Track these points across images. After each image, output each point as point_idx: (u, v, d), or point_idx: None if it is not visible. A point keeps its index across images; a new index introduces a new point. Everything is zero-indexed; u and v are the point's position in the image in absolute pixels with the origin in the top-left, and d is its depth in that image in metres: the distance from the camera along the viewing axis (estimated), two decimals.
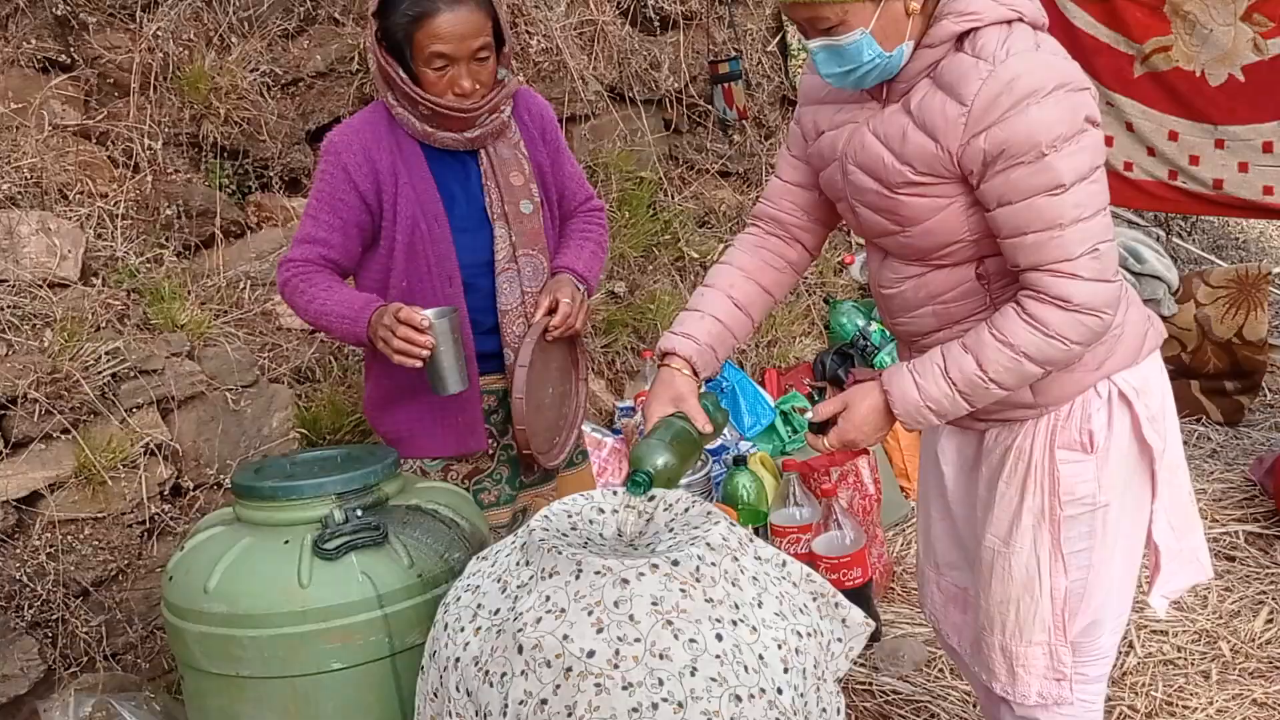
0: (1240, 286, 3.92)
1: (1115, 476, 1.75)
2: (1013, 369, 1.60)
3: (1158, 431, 1.76)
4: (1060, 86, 1.53)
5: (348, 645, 1.71)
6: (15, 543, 2.25)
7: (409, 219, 2.09)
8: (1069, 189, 1.53)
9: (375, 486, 1.85)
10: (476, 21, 1.99)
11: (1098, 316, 1.57)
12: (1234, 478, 3.52)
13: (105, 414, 2.33)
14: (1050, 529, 1.76)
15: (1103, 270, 1.56)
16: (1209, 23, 3.74)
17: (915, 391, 1.66)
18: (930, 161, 1.60)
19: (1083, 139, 1.54)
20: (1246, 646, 2.72)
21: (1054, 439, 1.74)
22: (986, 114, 1.53)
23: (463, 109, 2.04)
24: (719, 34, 4.33)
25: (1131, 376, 1.73)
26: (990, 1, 1.58)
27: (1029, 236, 1.56)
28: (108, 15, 2.75)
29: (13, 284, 2.28)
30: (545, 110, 2.28)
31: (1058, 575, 1.78)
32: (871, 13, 1.55)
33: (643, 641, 1.41)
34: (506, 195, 2.13)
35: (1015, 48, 1.55)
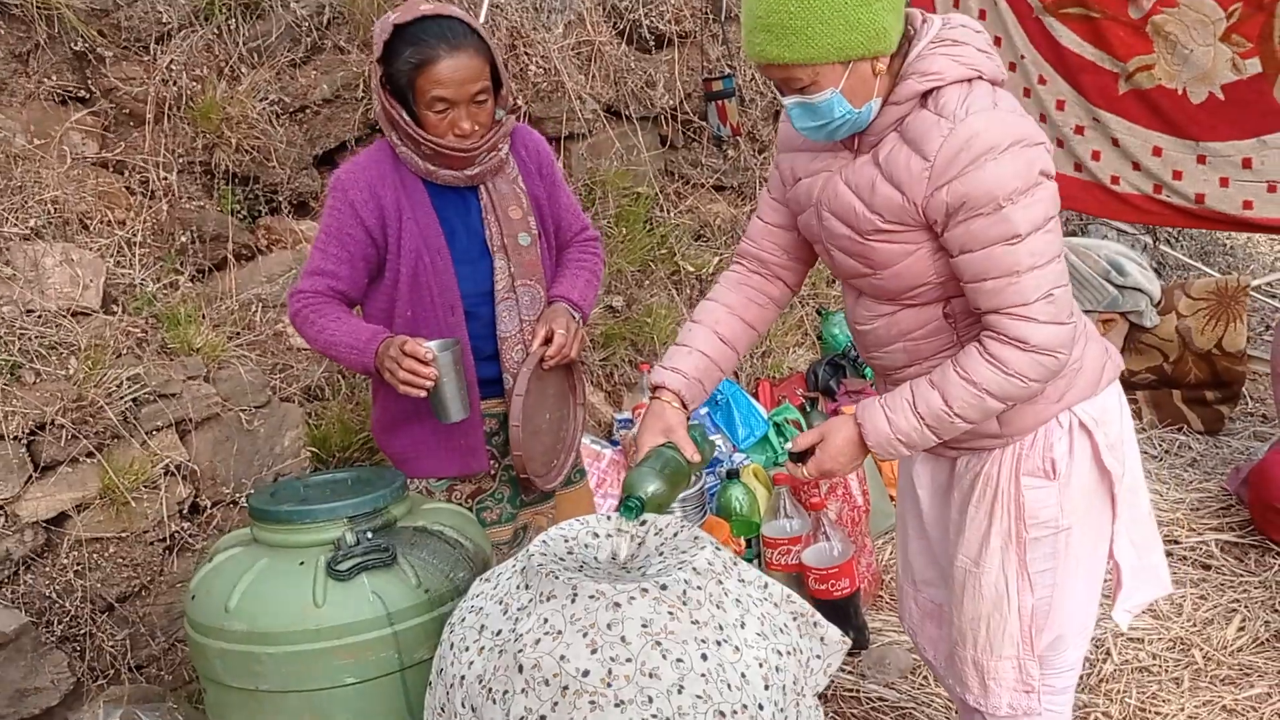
0: (1220, 299, 4.02)
1: (1077, 501, 1.86)
2: (975, 404, 1.72)
3: (1116, 458, 1.87)
4: (1016, 143, 1.63)
5: (360, 661, 1.81)
6: (45, 561, 2.36)
7: (413, 252, 2.20)
8: (1025, 239, 1.63)
9: (384, 509, 1.95)
10: (475, 67, 2.09)
11: (1053, 356, 1.68)
12: (1212, 487, 3.62)
13: (127, 437, 2.44)
14: (1017, 550, 1.87)
15: (1056, 314, 1.66)
16: (1189, 43, 3.84)
17: (887, 425, 1.77)
18: (897, 211, 1.71)
19: (1037, 191, 1.64)
20: (1218, 654, 2.82)
21: (1019, 466, 1.85)
22: (948, 169, 1.64)
23: (463, 149, 2.14)
24: (713, 52, 4.43)
25: (1090, 407, 1.84)
26: (951, 62, 1.69)
27: (988, 283, 1.66)
28: (123, 49, 2.86)
29: (39, 314, 2.39)
30: (541, 146, 2.38)
31: (1024, 594, 1.89)
32: (841, 74, 1.64)
33: (634, 661, 1.53)
34: (505, 228, 2.24)
35: (974, 106, 1.65)
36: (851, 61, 1.64)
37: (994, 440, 1.86)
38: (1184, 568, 3.23)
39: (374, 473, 2.15)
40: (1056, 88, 4.19)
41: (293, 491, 2.03)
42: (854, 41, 1.62)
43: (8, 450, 2.26)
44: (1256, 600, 3.03)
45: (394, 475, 2.07)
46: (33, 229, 2.45)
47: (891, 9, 1.65)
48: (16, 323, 2.33)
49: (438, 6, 2.13)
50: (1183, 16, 3.80)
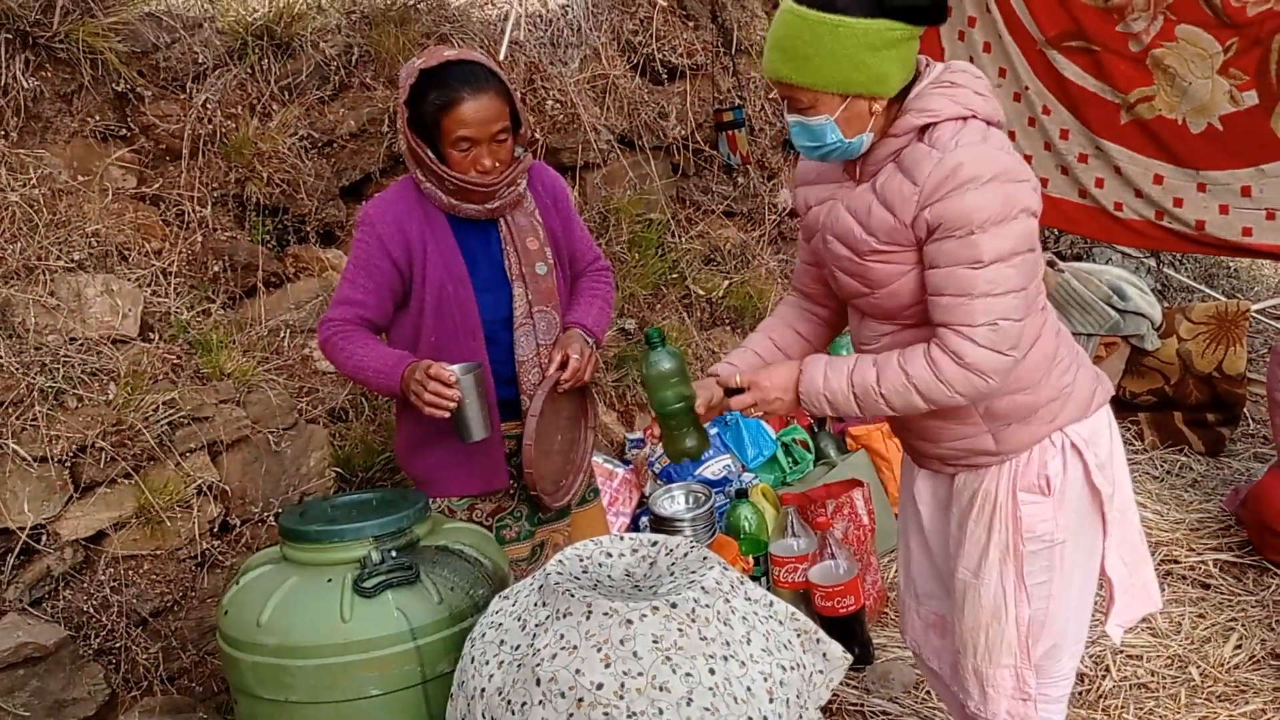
0: (1220, 323, 4.09)
1: (1070, 516, 1.96)
2: (901, 394, 1.83)
3: (1106, 477, 1.97)
4: (997, 177, 1.74)
5: (384, 674, 1.90)
6: (83, 578, 2.47)
7: (437, 282, 2.31)
8: (986, 266, 1.74)
9: (408, 529, 2.04)
10: (496, 107, 2.22)
11: (984, 379, 1.78)
12: (1212, 508, 3.68)
13: (162, 459, 2.55)
14: (1014, 563, 1.97)
15: (997, 342, 1.76)
16: (1188, 76, 3.94)
17: (821, 380, 1.89)
18: (891, 232, 1.83)
19: (1012, 225, 1.75)
20: (1215, 671, 2.88)
21: (1015, 483, 1.96)
22: (933, 193, 1.76)
23: (484, 184, 2.26)
24: (723, 84, 4.54)
25: (1081, 429, 1.94)
26: (947, 101, 1.81)
27: (944, 298, 1.78)
28: (161, 88, 2.99)
29: (81, 343, 2.51)
30: (557, 182, 2.51)
31: (1022, 605, 1.98)
32: (838, 105, 1.79)
33: (645, 675, 1.61)
34: (524, 258, 2.36)
35: (965, 140, 1.77)
36: (850, 96, 1.78)
37: (991, 458, 1.97)
38: (1183, 586, 3.30)
39: (398, 494, 2.25)
40: (1060, 118, 4.29)
41: (320, 512, 2.12)
42: (855, 80, 1.76)
43: (51, 472, 2.38)
44: (1254, 619, 3.09)
45: (417, 496, 2.16)
46: (76, 261, 2.58)
47: (898, 60, 1.78)
48: (60, 351, 2.45)
49: (461, 52, 2.26)
50: (1181, 51, 3.90)
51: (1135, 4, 3.94)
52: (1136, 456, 4.15)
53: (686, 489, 3.38)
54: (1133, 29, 3.96)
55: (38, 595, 2.41)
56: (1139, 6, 3.93)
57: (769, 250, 4.65)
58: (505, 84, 2.26)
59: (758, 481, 3.57)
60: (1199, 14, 3.81)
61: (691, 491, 3.36)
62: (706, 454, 3.67)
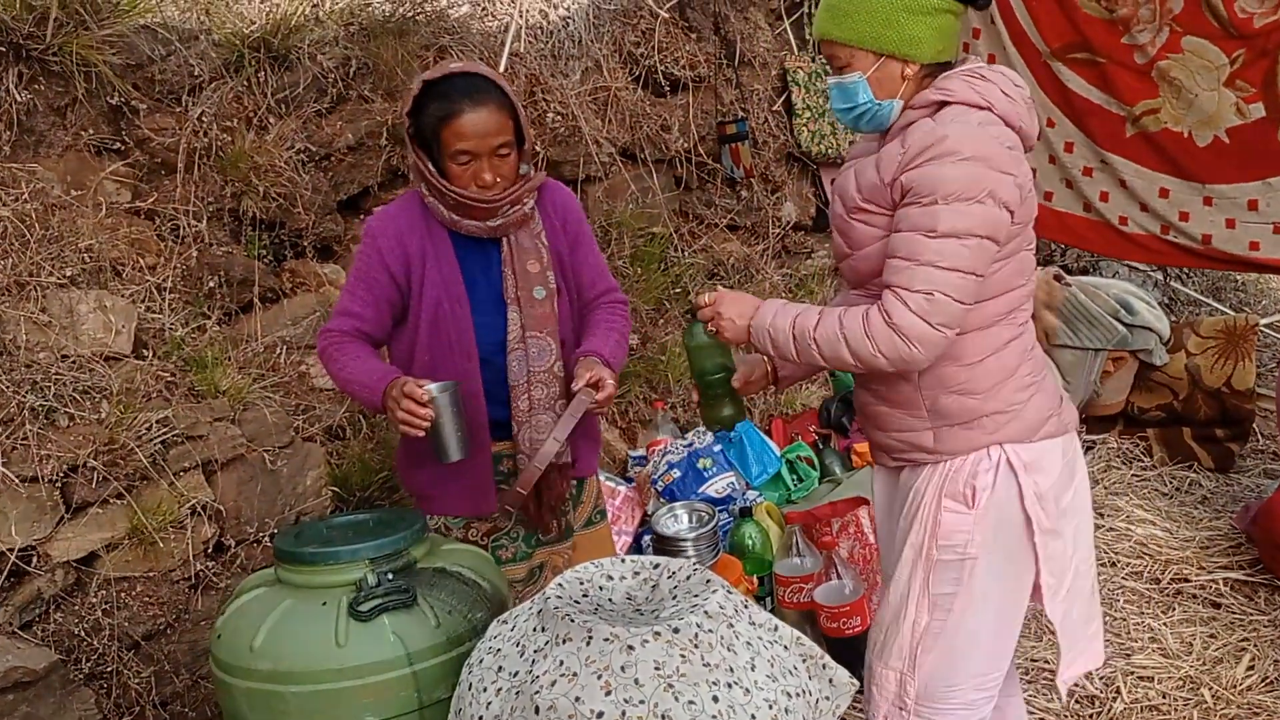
0: (1229, 338, 4.05)
1: (989, 535, 1.92)
2: (831, 342, 1.85)
3: (1047, 512, 1.92)
4: (977, 159, 1.76)
5: (380, 700, 1.85)
6: (74, 600, 2.42)
7: (433, 300, 2.27)
8: (938, 237, 1.76)
9: (405, 551, 2.00)
10: (497, 120, 2.16)
11: (908, 345, 1.78)
12: (1222, 525, 3.63)
13: (155, 478, 2.51)
14: (924, 565, 1.95)
15: (929, 312, 1.76)
16: (1194, 88, 3.90)
17: (771, 316, 1.92)
18: (872, 190, 1.87)
19: (975, 208, 1.76)
20: (1228, 693, 2.83)
21: (944, 487, 1.94)
22: (914, 158, 1.80)
23: (485, 200, 2.21)
24: (726, 96, 4.51)
25: (1024, 451, 1.91)
26: (968, 88, 1.85)
27: (894, 260, 1.81)
28: (156, 101, 2.96)
29: (73, 360, 2.48)
30: (569, 203, 2.42)
31: (921, 611, 1.95)
32: (872, 63, 1.88)
33: (646, 703, 1.57)
34: (521, 281, 2.30)
35: (961, 120, 1.81)
36: (883, 56, 1.86)
37: (928, 456, 1.95)
38: (1194, 606, 3.25)
39: (395, 514, 2.21)
40: (1065, 130, 4.26)
41: (316, 533, 2.09)
42: (887, 38, 1.85)
43: (41, 492, 2.34)
44: (1266, 639, 3.04)
45: (414, 517, 2.12)
46: (69, 277, 2.54)
47: (933, 29, 1.86)
48: (52, 368, 2.41)
49: (466, 65, 2.22)
50: (1187, 62, 3.87)
51: (1141, 16, 3.91)
52: (1145, 473, 4.11)
53: (690, 508, 3.33)
54: (1138, 41, 3.93)
55: (28, 618, 2.37)
56: (1145, 18, 3.91)
57: (773, 264, 4.62)
58: (510, 97, 2.21)
59: (762, 499, 3.53)
60: (1205, 26, 3.78)
61: (695, 510, 3.32)
62: (710, 472, 3.63)
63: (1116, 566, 3.47)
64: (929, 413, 1.93)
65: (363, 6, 3.42)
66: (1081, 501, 2.02)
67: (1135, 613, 3.24)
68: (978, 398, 1.90)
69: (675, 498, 3.48)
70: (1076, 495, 2.00)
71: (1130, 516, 3.75)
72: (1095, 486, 4.00)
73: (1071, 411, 2.02)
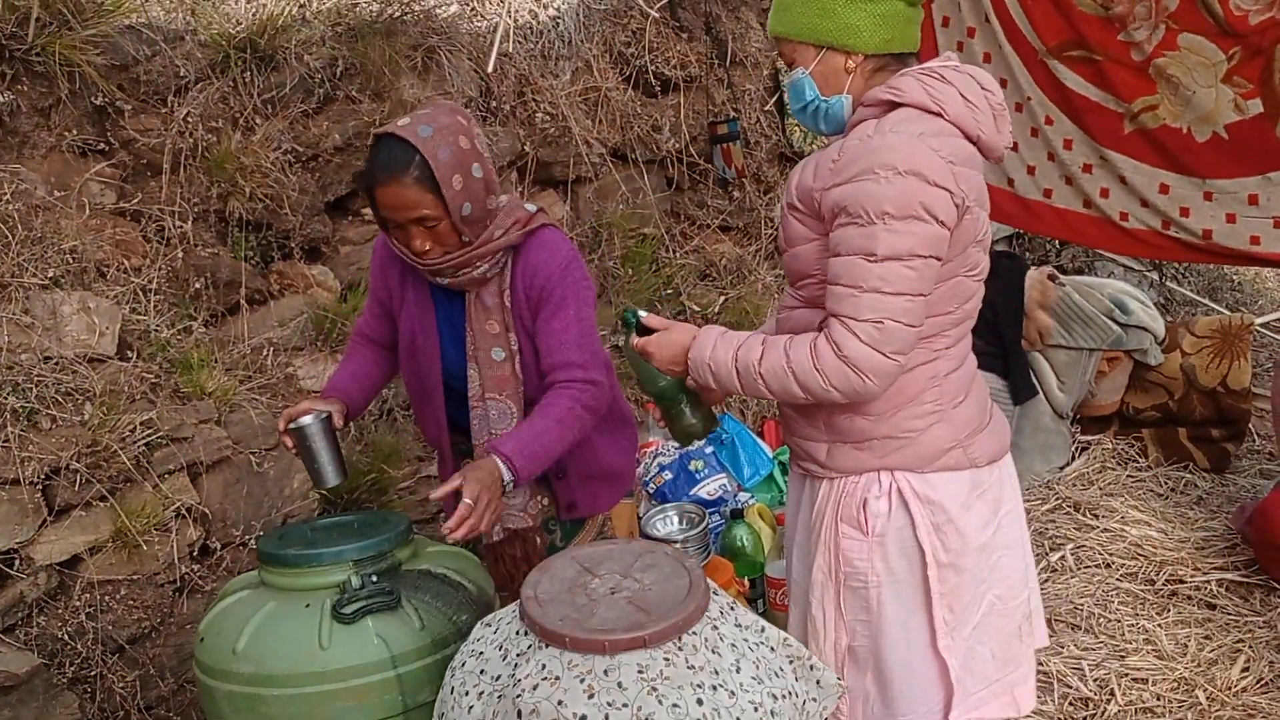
0: (1224, 337, 4.03)
1: (891, 564, 1.85)
2: (779, 376, 1.76)
3: (944, 543, 1.84)
4: (912, 174, 1.66)
5: (364, 704, 1.84)
6: (58, 604, 2.40)
7: (408, 331, 2.26)
8: (879, 261, 1.67)
9: (389, 553, 1.99)
10: (413, 196, 2.02)
11: (860, 377, 1.70)
12: (1217, 526, 3.61)
13: (139, 480, 2.49)
14: (835, 590, 1.90)
15: (880, 341, 1.69)
16: (1191, 85, 3.88)
17: (709, 350, 1.83)
18: (805, 194, 1.80)
19: (913, 225, 1.66)
20: (1223, 695, 2.81)
21: (840, 511, 1.88)
22: (845, 170, 1.72)
23: (422, 264, 2.11)
24: (718, 96, 4.49)
25: (917, 481, 1.84)
26: (920, 90, 1.75)
27: (837, 287, 1.72)
28: (142, 102, 2.93)
29: (56, 361, 2.45)
30: (543, 263, 2.16)
31: (840, 633, 1.91)
32: (813, 57, 1.82)
33: (630, 707, 1.56)
34: (480, 340, 2.20)
35: (902, 129, 1.71)
36: (824, 48, 1.81)
37: (821, 470, 1.91)
38: (1188, 607, 3.23)
39: (380, 516, 2.20)
40: (1063, 128, 4.24)
41: (300, 535, 2.08)
42: (823, 28, 1.79)
43: (23, 495, 2.31)
44: (1261, 640, 3.02)
45: (399, 519, 2.11)
46: (52, 279, 2.52)
47: (873, 17, 1.78)
48: (34, 370, 2.39)
49: (403, 128, 2.03)
50: (1184, 59, 3.85)
51: (1137, 13, 3.89)
52: (1140, 473, 4.09)
53: (680, 510, 3.32)
54: (1134, 38, 3.91)
55: (10, 622, 2.35)
56: (1140, 15, 3.88)
57: (765, 265, 4.60)
58: (430, 171, 2.00)
59: (754, 501, 3.51)
60: (1201, 23, 3.75)
61: (685, 513, 3.30)
62: (702, 473, 3.60)
63: (1111, 568, 3.45)
64: (825, 426, 1.88)
65: (350, 7, 3.40)
66: (1007, 537, 1.92)
67: (1130, 614, 3.21)
68: (870, 419, 1.83)
69: (667, 499, 3.46)
70: (1000, 530, 1.90)
71: (1125, 517, 3.73)
72: (1090, 487, 3.98)
73: (993, 442, 1.92)
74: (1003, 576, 1.92)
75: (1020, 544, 1.97)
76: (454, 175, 2.03)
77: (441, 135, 2.03)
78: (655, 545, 1.87)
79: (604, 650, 1.61)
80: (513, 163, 3.82)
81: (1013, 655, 1.96)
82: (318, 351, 3.14)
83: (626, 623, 1.66)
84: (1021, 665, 1.98)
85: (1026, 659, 1.99)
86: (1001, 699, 1.95)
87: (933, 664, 1.89)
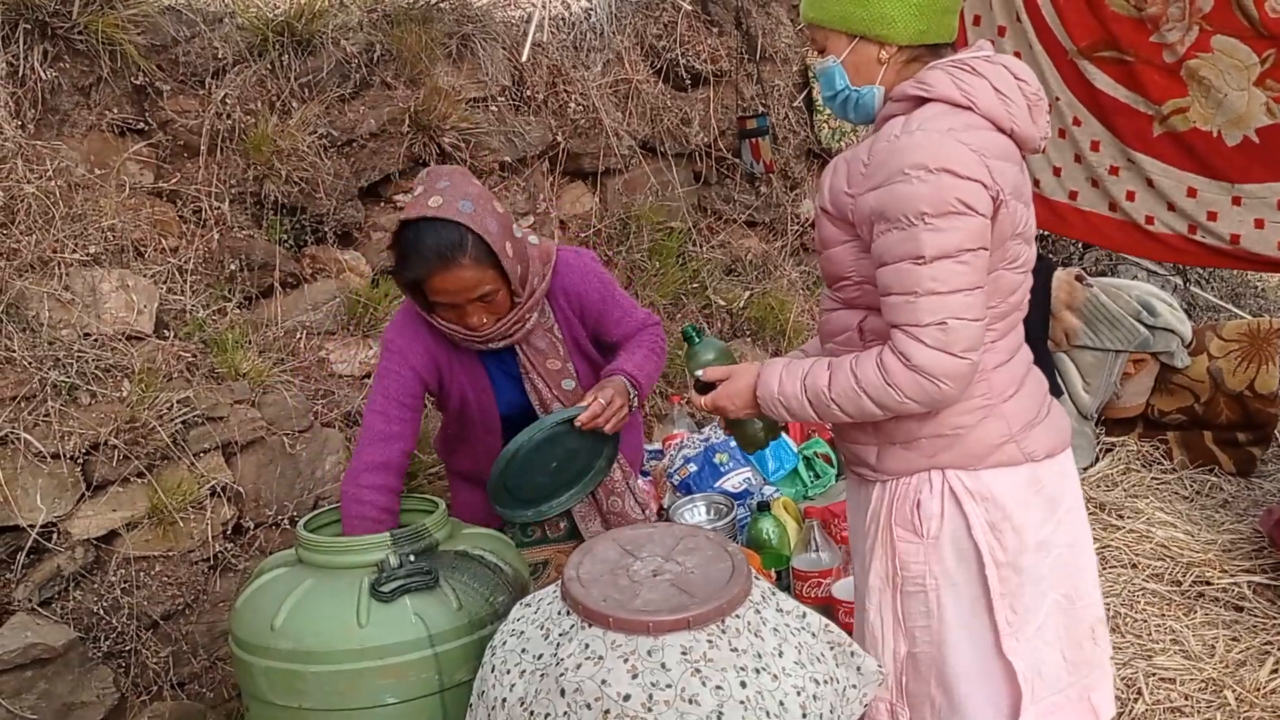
0: (1252, 340, 4.01)
1: (948, 566, 1.81)
2: (852, 399, 1.72)
3: (1002, 542, 1.79)
4: (943, 170, 1.61)
5: (401, 681, 1.85)
6: (94, 579, 2.41)
7: (459, 396, 2.27)
8: (929, 262, 1.63)
9: (427, 533, 2.01)
10: (471, 278, 2.03)
11: (935, 383, 1.66)
12: (1244, 529, 3.59)
13: (176, 458, 2.51)
14: (892, 595, 1.86)
15: (948, 344, 1.65)
16: (1223, 87, 3.87)
17: (776, 384, 1.80)
18: (837, 197, 1.76)
19: (954, 220, 1.62)
20: (1251, 696, 2.80)
21: (892, 514, 1.84)
22: (876, 174, 1.67)
23: (478, 335, 2.13)
24: (747, 91, 4.49)
25: (969, 479, 1.79)
26: (950, 83, 1.69)
27: (892, 297, 1.68)
28: (180, 83, 2.95)
29: (96, 338, 2.47)
30: (579, 282, 2.25)
31: (899, 640, 1.86)
32: (845, 46, 1.78)
33: (673, 687, 1.56)
34: (550, 380, 2.24)
35: (929, 125, 1.66)
36: (856, 37, 1.76)
37: (872, 473, 1.87)
38: (1216, 609, 3.22)
39: (416, 498, 2.21)
40: (1091, 129, 4.23)
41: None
42: (857, 17, 1.74)
43: (63, 469, 2.33)
44: None
45: (435, 501, 2.12)
46: (91, 255, 2.53)
47: (908, 7, 1.73)
48: (75, 346, 2.40)
49: (439, 209, 2.00)
50: (1217, 62, 3.84)
51: (1170, 14, 3.88)
52: (1165, 476, 4.07)
53: (709, 500, 3.31)
54: (1167, 39, 3.89)
55: (47, 595, 2.36)
56: (1174, 17, 3.87)
57: (791, 261, 4.60)
58: (485, 244, 2.01)
59: (779, 495, 3.50)
60: (1235, 25, 3.74)
61: (714, 503, 3.30)
62: (726, 466, 3.60)
63: (1137, 568, 3.44)
64: (873, 429, 1.83)
65: None
66: (1069, 534, 1.87)
67: (1156, 614, 3.20)
68: (917, 419, 1.77)
69: (691, 492, 3.45)
70: (1061, 527, 1.85)
71: (1151, 519, 3.71)
72: (1114, 489, 3.96)
73: (1049, 436, 1.86)
74: (1067, 575, 1.87)
75: (1085, 541, 1.91)
76: (505, 243, 2.03)
77: (480, 206, 2.01)
78: (696, 529, 1.87)
79: (648, 631, 1.61)
80: (543, 153, 3.82)
81: (1086, 659, 1.88)
82: (349, 336, 3.16)
83: (670, 604, 1.67)
84: (1096, 669, 1.90)
85: (1101, 663, 1.91)
86: (1078, 706, 1.88)
87: (999, 667, 1.84)
